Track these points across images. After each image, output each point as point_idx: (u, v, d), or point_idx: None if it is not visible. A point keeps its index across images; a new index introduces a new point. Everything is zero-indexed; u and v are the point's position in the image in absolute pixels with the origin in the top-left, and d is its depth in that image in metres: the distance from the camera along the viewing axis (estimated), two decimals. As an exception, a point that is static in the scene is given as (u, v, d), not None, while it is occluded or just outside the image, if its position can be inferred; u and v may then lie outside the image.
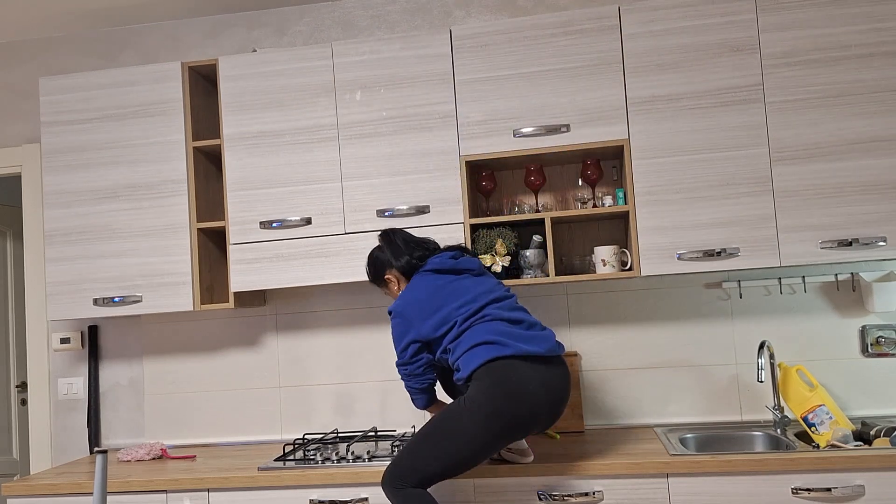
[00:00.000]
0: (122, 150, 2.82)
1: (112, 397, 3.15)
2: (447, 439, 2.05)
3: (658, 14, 2.53)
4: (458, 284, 2.24)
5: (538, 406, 2.07)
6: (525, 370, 2.08)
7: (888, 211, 2.38)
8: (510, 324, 2.17)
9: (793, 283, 2.73)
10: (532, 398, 2.06)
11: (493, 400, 2.03)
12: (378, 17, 3.09)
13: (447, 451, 2.05)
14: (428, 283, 2.25)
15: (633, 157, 2.52)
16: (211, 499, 2.43)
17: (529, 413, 2.06)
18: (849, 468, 2.13)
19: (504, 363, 2.08)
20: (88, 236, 2.82)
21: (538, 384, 2.08)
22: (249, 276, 2.71)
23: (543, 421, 2.12)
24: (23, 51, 3.32)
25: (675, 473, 2.20)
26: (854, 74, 2.42)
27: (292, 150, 2.71)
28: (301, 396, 3.02)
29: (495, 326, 2.14)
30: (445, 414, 2.09)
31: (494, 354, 2.08)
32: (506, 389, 2.04)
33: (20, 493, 2.53)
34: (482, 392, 2.05)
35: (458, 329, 2.16)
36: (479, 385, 2.07)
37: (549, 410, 2.12)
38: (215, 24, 3.20)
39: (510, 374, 2.06)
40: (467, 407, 2.06)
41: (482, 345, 2.11)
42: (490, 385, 2.05)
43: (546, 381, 2.10)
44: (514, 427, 2.06)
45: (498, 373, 2.07)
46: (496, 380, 2.06)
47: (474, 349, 2.12)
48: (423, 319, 2.20)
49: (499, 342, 2.10)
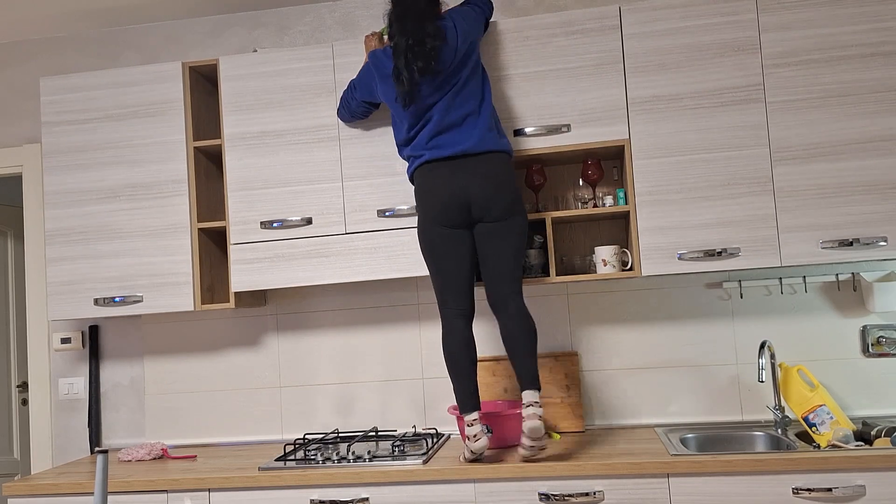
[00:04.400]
0: (122, 150, 2.82)
1: (113, 397, 3.15)
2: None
3: (658, 14, 2.53)
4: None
5: (447, 200, 2.32)
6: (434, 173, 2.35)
7: (889, 211, 2.38)
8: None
9: (793, 283, 2.73)
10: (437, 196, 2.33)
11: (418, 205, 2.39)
12: (379, 16, 3.09)
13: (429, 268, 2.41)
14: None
15: (633, 157, 2.52)
16: (211, 499, 2.43)
17: (441, 208, 2.32)
18: (849, 468, 2.13)
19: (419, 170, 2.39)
20: (89, 236, 2.82)
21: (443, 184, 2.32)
22: (250, 276, 2.71)
23: (470, 211, 2.32)
24: (23, 51, 3.32)
25: (676, 473, 2.20)
26: (854, 74, 2.42)
27: (293, 150, 2.71)
28: (301, 396, 3.02)
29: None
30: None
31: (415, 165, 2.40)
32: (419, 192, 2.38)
33: (21, 493, 2.53)
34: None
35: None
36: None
37: (464, 201, 2.31)
38: (216, 24, 3.20)
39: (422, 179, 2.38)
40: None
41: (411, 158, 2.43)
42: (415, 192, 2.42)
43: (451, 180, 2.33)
44: (433, 221, 2.34)
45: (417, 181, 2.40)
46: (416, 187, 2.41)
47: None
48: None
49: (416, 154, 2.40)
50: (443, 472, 2.29)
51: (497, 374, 2.84)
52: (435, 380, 2.93)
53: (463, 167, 2.32)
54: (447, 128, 2.34)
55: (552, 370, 2.79)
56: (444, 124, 2.34)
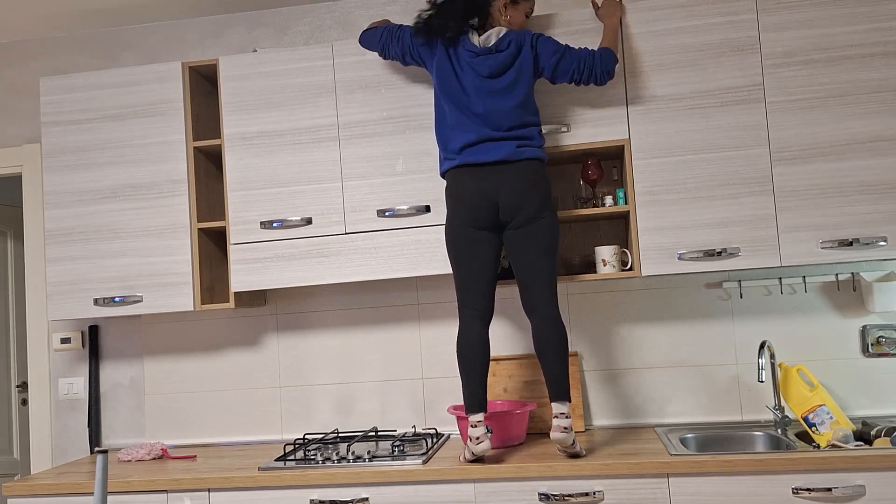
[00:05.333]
0: (122, 150, 2.82)
1: (112, 397, 3.15)
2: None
3: (659, 14, 2.53)
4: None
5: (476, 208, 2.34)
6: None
7: (888, 211, 2.38)
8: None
9: (793, 283, 2.73)
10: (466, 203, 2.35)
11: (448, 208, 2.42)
12: (379, 16, 3.09)
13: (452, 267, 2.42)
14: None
15: (633, 157, 2.52)
16: (211, 499, 2.43)
17: (469, 210, 2.34)
18: (849, 468, 2.13)
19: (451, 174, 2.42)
20: (89, 236, 2.82)
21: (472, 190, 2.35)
22: (250, 276, 2.71)
23: (498, 214, 2.34)
24: (23, 51, 3.32)
25: (676, 473, 2.20)
26: (854, 74, 2.42)
27: (293, 150, 2.71)
28: (301, 396, 3.02)
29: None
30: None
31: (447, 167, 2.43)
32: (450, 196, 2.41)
33: (21, 493, 2.53)
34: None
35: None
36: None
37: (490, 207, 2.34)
38: (216, 24, 3.20)
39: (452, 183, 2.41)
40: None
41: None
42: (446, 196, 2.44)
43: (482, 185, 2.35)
44: (460, 222, 2.36)
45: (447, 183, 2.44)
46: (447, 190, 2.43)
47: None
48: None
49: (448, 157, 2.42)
50: (443, 472, 2.29)
51: (497, 374, 2.84)
52: (435, 380, 2.93)
53: (495, 172, 2.33)
54: (483, 140, 2.35)
55: (552, 370, 2.79)
56: (482, 137, 2.35)
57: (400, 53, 2.53)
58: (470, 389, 2.32)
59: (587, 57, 2.40)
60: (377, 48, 2.58)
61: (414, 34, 2.48)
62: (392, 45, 2.53)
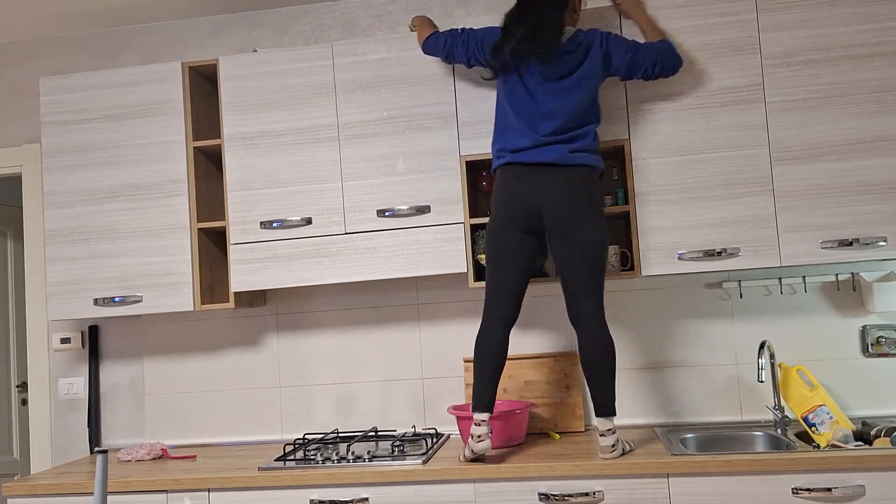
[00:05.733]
0: (122, 150, 2.82)
1: (112, 397, 3.15)
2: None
3: (658, 14, 2.52)
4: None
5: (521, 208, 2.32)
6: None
7: (888, 211, 2.38)
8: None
9: (793, 283, 2.73)
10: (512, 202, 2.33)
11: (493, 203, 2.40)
12: (379, 16, 3.09)
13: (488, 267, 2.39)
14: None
15: (633, 157, 2.52)
16: (211, 499, 2.43)
17: (513, 212, 2.33)
18: (849, 468, 2.13)
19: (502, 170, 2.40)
20: (89, 236, 2.82)
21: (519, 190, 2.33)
22: (250, 276, 2.71)
23: (542, 219, 2.32)
24: (23, 51, 3.32)
25: (676, 473, 2.20)
26: (854, 74, 2.42)
27: (293, 150, 2.71)
28: (301, 396, 3.02)
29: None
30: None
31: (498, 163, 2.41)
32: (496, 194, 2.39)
33: (21, 493, 2.53)
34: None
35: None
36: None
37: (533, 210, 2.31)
38: (216, 24, 3.20)
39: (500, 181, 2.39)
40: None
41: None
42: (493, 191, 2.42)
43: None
44: (502, 223, 2.34)
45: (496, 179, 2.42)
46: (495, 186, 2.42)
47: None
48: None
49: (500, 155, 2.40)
50: (443, 472, 2.29)
51: (497, 374, 2.84)
52: (435, 380, 2.93)
53: (543, 175, 2.31)
54: (538, 145, 2.33)
55: (552, 370, 2.79)
56: (538, 143, 2.32)
57: (465, 58, 2.50)
58: (480, 388, 2.31)
59: (657, 51, 2.39)
60: (441, 54, 2.55)
61: (495, 47, 2.40)
62: (457, 51, 2.50)
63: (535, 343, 2.87)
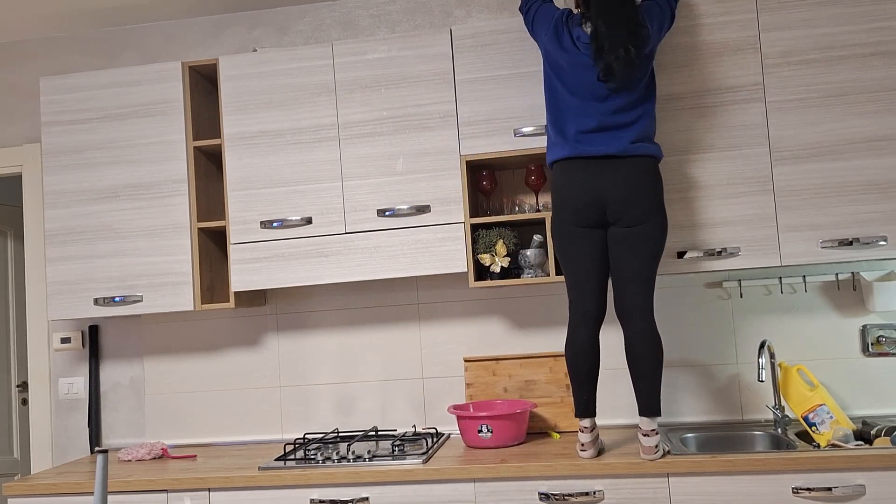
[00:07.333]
0: (122, 150, 2.82)
1: (113, 397, 3.15)
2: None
3: (658, 14, 2.52)
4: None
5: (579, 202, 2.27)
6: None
7: (888, 210, 2.38)
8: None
9: (793, 283, 2.73)
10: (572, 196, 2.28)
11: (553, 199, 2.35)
12: (379, 16, 3.09)
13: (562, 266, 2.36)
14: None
15: (633, 157, 2.52)
16: (212, 498, 2.43)
17: (576, 207, 2.27)
18: (849, 468, 2.13)
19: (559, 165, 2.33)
20: (89, 236, 2.82)
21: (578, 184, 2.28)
22: (250, 276, 2.71)
23: (605, 213, 2.27)
24: (23, 51, 3.32)
25: (676, 473, 2.20)
26: (854, 74, 2.42)
27: (293, 149, 2.71)
28: (301, 396, 3.02)
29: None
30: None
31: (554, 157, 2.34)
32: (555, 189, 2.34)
33: (21, 493, 2.53)
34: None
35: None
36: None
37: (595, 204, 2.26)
38: (216, 23, 3.20)
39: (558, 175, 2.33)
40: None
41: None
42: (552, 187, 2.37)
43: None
44: (566, 219, 2.29)
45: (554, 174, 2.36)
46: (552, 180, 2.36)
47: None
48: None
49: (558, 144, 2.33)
50: (443, 472, 2.29)
51: (497, 373, 2.84)
52: (435, 379, 2.93)
53: (605, 167, 2.25)
54: (602, 128, 2.27)
55: (552, 370, 2.79)
56: (603, 124, 2.26)
57: (530, 23, 2.44)
58: (577, 394, 2.28)
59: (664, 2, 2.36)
60: (524, 16, 2.48)
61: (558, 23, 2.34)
62: (527, 16, 2.44)
63: (536, 343, 2.87)
